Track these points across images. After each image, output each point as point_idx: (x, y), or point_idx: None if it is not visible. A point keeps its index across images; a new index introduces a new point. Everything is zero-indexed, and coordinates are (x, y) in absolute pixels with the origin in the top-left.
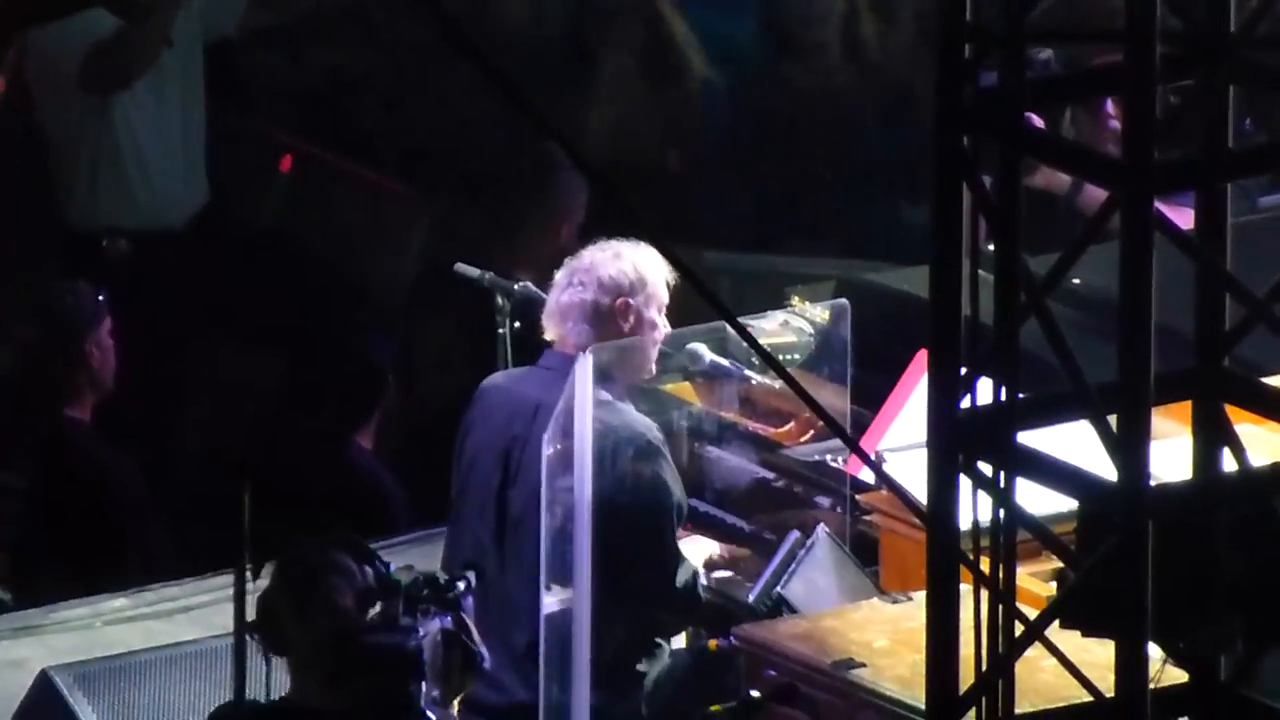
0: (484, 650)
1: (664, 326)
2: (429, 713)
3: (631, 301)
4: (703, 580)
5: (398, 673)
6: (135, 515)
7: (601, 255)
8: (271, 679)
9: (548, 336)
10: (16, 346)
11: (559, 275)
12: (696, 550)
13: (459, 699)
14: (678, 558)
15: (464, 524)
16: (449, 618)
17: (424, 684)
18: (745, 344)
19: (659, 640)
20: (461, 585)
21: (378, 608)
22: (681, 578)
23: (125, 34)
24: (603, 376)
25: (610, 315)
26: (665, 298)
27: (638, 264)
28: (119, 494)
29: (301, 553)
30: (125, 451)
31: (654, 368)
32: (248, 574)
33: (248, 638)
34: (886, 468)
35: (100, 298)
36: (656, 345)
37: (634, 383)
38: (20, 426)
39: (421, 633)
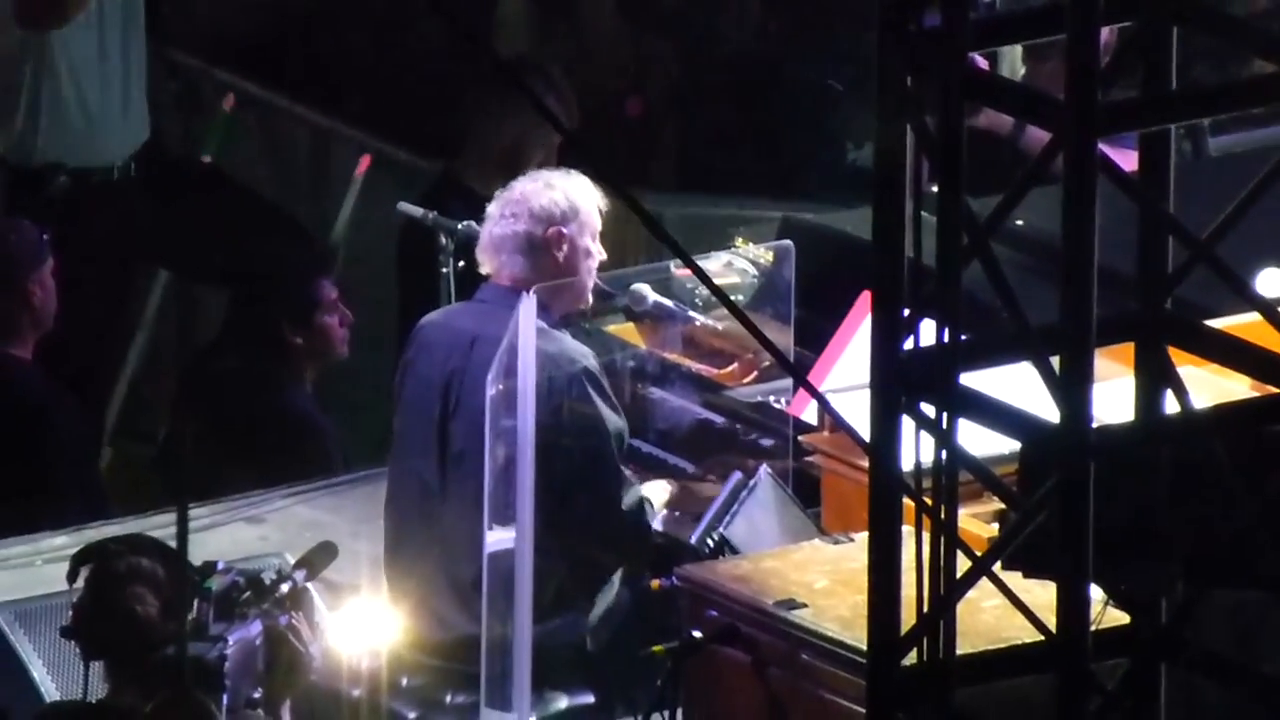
0: (314, 650)
1: (598, 254)
2: None
3: (565, 230)
4: (655, 509)
5: (198, 682)
6: (77, 453)
7: (532, 186)
8: (90, 681)
9: (483, 270)
10: None
11: (491, 208)
12: (653, 491)
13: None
14: (621, 481)
15: (406, 459)
16: (285, 617)
17: (224, 694)
18: (690, 285)
19: (603, 577)
20: (286, 586)
21: (192, 613)
22: (628, 500)
23: None
24: (539, 307)
25: (544, 245)
26: (598, 224)
27: (569, 192)
28: (61, 432)
29: (107, 561)
30: (67, 389)
31: (590, 297)
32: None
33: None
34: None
35: (45, 236)
36: (592, 274)
37: (570, 311)
38: None
39: (233, 639)
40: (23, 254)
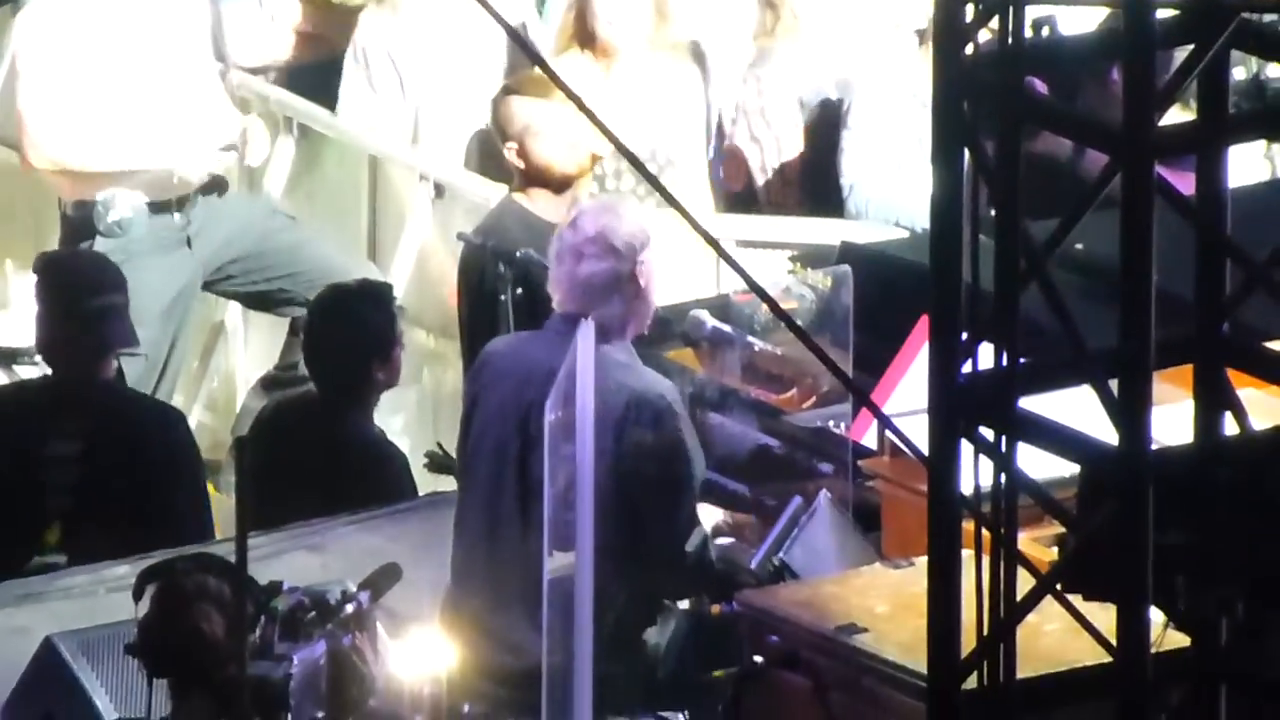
0: (377, 672)
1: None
2: None
3: (644, 260)
4: (712, 545)
5: (263, 702)
6: (191, 470)
7: (606, 219)
8: (153, 700)
9: (560, 307)
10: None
11: (563, 242)
12: (702, 517)
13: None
14: (692, 523)
15: (477, 491)
16: (349, 638)
17: (289, 713)
18: (748, 311)
19: (665, 606)
20: (351, 607)
21: (257, 633)
22: (692, 543)
23: None
24: (613, 336)
25: (631, 279)
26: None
27: (639, 219)
28: (174, 450)
29: (174, 579)
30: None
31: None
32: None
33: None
34: (889, 433)
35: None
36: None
37: (638, 334)
38: (70, 392)
39: (298, 659)
40: (88, 279)
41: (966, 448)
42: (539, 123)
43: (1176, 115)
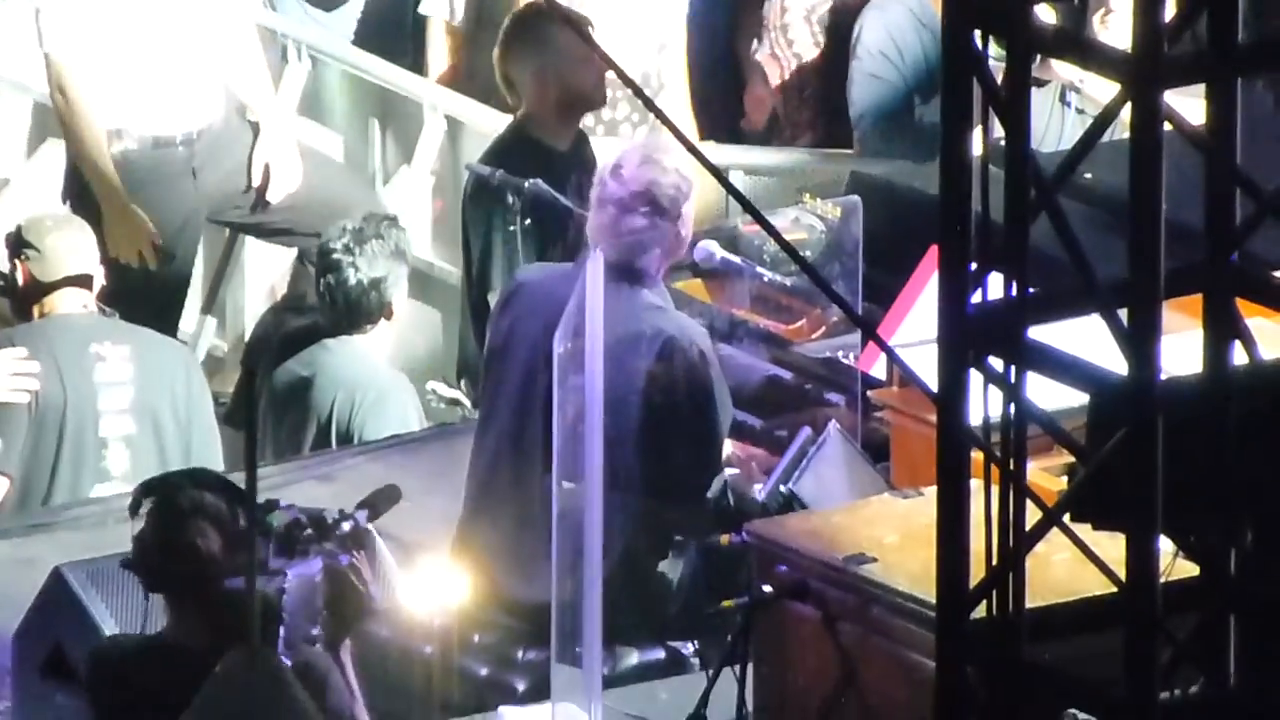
0: (375, 591)
1: None
2: (284, 657)
3: (685, 209)
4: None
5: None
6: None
7: (649, 171)
8: (149, 614)
9: (599, 250)
10: None
11: (607, 190)
12: None
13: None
14: (717, 467)
15: (498, 420)
16: (346, 557)
17: (281, 626)
18: (757, 242)
19: (678, 541)
20: (348, 525)
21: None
22: (714, 489)
23: None
24: (648, 280)
25: (674, 230)
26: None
27: (680, 169)
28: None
29: (171, 494)
30: None
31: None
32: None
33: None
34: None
35: None
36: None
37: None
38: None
39: (292, 574)
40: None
41: (976, 378)
42: (573, 49)
43: None
